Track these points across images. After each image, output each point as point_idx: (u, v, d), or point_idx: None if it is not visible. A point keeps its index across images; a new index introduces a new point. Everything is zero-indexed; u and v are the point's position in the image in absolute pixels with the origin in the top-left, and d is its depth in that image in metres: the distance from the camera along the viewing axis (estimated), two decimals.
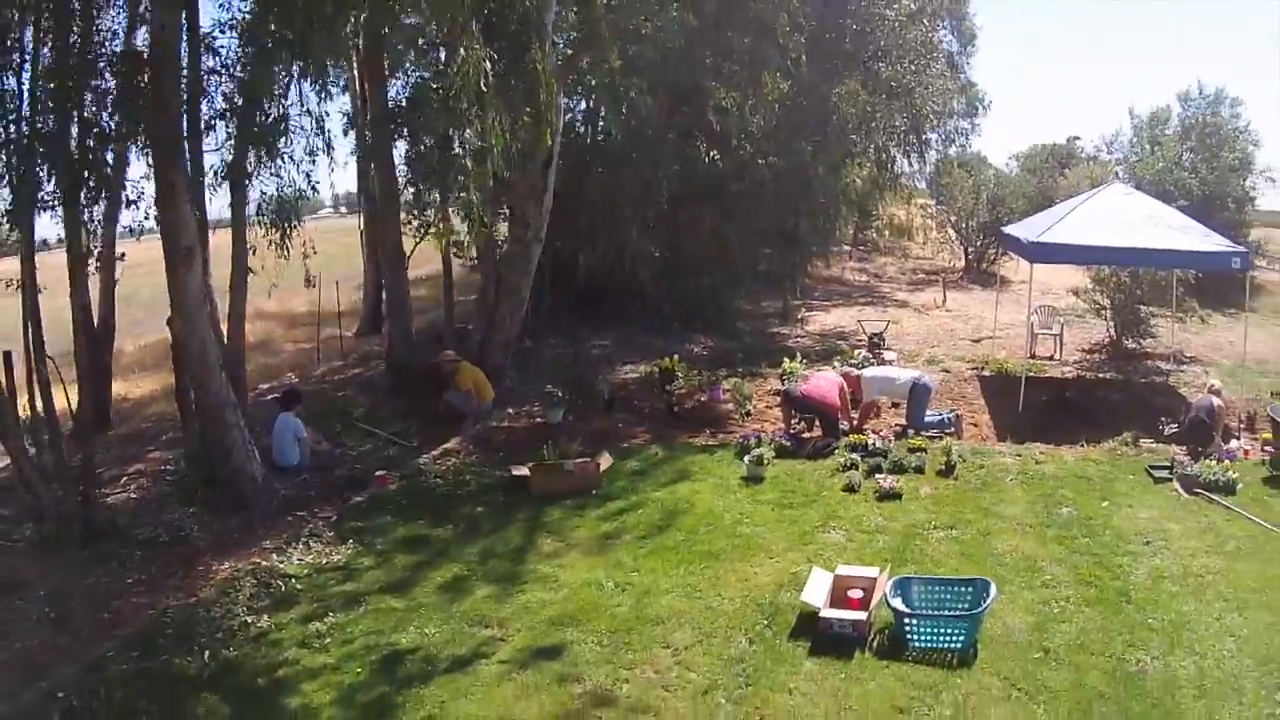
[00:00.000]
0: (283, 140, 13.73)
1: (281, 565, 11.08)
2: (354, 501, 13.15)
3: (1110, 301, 21.83)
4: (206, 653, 9.14)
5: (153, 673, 8.84)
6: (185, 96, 12.93)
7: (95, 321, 16.38)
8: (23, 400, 12.58)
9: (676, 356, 17.74)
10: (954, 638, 8.26)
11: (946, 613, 8.52)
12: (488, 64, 12.05)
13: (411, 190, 18.57)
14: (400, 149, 18.33)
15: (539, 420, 16.37)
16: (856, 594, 8.80)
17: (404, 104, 16.65)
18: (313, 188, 15.18)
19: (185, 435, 14.79)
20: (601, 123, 19.84)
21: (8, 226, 12.75)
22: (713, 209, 22.41)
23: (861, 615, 8.51)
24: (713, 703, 7.74)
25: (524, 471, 13.18)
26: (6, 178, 12.39)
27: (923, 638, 8.32)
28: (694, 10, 17.81)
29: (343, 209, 47.00)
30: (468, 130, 12.74)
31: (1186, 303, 21.87)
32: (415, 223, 19.45)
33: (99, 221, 14.69)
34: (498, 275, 18.26)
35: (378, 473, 13.88)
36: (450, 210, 22.73)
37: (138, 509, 13.09)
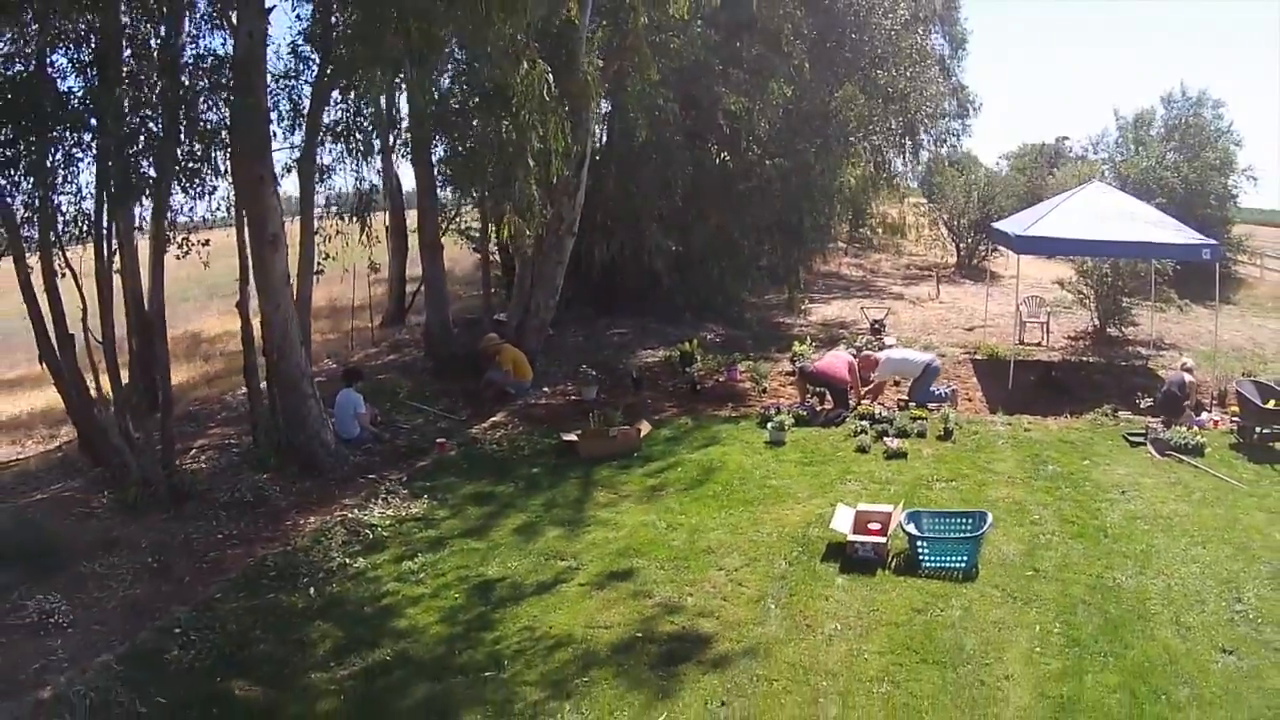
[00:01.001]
0: (358, 138, 15.33)
1: (365, 517, 12.71)
2: (419, 466, 14.83)
3: (1094, 292, 23.60)
4: (312, 589, 10.73)
5: (262, 608, 10.32)
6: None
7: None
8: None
9: (695, 340, 19.53)
10: (958, 558, 10.06)
11: (952, 536, 10.31)
12: (550, 77, 13.81)
13: (450, 189, 20.13)
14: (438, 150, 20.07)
15: (574, 397, 18.14)
16: (875, 526, 10.59)
17: (451, 108, 18.08)
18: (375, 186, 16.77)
19: (252, 410, 16.23)
20: (618, 125, 21.44)
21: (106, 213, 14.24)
22: (721, 206, 24.20)
23: (881, 540, 10.31)
24: (764, 608, 9.52)
25: (573, 437, 15.01)
26: (112, 168, 13.86)
27: (932, 558, 10.12)
28: (711, 25, 19.45)
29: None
30: (531, 134, 14.33)
31: (1165, 293, 23.73)
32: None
33: (179, 212, 16.20)
34: (534, 266, 19.97)
35: (437, 441, 15.61)
36: (471, 207, 24.60)
37: (213, 476, 14.59)
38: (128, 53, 14.60)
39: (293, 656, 9.33)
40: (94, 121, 13.81)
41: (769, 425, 15.22)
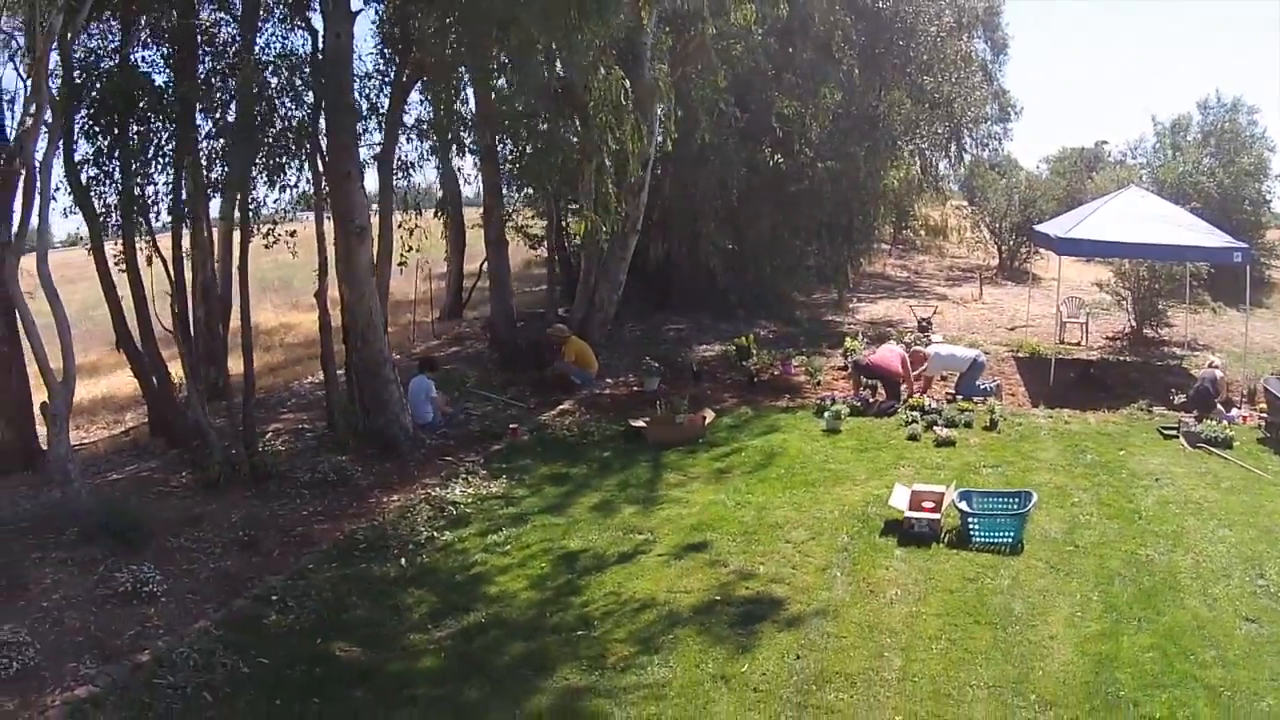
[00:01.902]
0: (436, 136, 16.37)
1: (447, 495, 13.70)
2: (493, 449, 15.85)
3: (1131, 294, 24.41)
4: (402, 560, 11.67)
5: (354, 577, 11.23)
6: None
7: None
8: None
9: (753, 335, 20.55)
10: (1006, 534, 11.01)
11: (1000, 513, 11.27)
12: (627, 83, 14.84)
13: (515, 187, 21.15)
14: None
15: (636, 388, 19.19)
16: (929, 504, 11.55)
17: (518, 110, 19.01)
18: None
19: (327, 396, 17.29)
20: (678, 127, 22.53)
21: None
22: (774, 207, 25.20)
23: (936, 516, 11.28)
24: (830, 576, 10.51)
25: (641, 424, 16.04)
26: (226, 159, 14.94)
27: (982, 533, 11.07)
28: (770, 33, 20.41)
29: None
30: (607, 135, 15.34)
31: (1199, 295, 24.52)
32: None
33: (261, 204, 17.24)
34: (598, 261, 21.01)
35: (510, 426, 16.68)
36: (523, 205, 25.63)
37: (291, 458, 15.53)
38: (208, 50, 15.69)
39: (389, 620, 10.24)
40: (187, 116, 14.94)
41: (825, 414, 16.19)
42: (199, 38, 15.55)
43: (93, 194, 15.53)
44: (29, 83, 13.55)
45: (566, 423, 17.22)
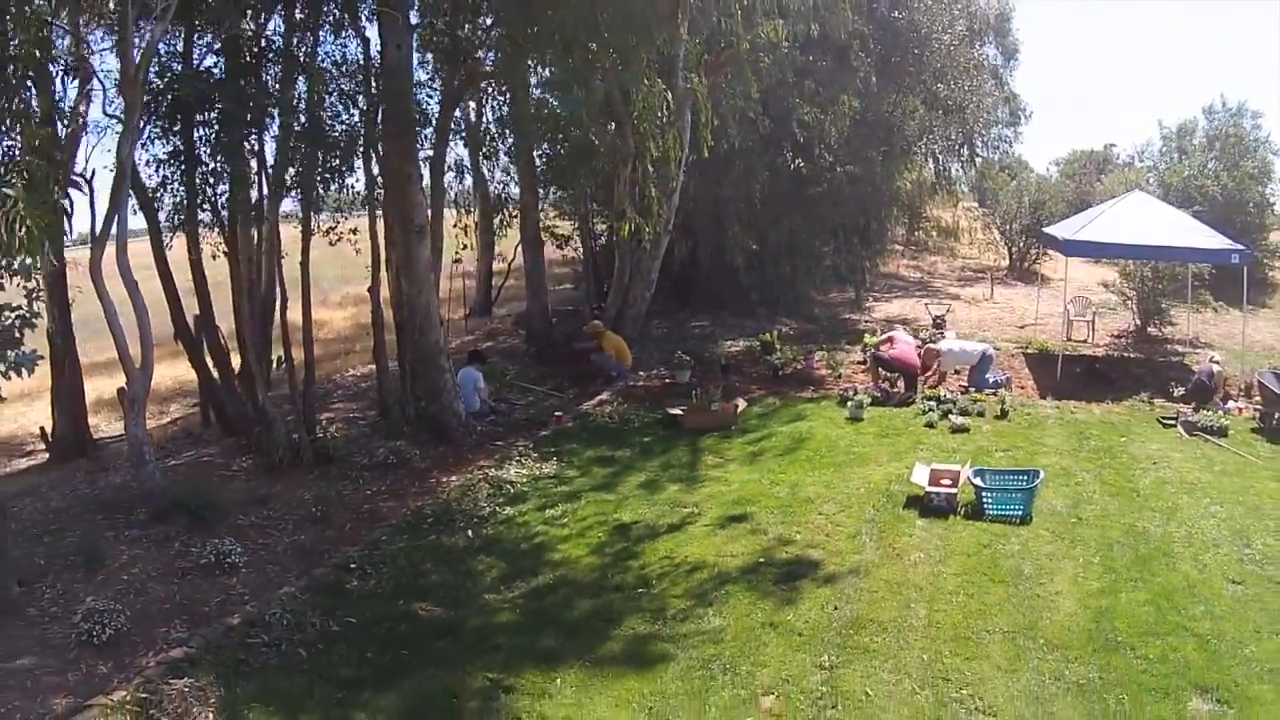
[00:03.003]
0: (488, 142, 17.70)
1: (504, 475, 15.00)
2: (540, 435, 17.13)
3: (1135, 294, 25.72)
4: (469, 531, 12.99)
5: (425, 547, 12.52)
6: None
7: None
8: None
9: (776, 331, 21.88)
10: (1016, 507, 12.31)
11: (1010, 488, 12.59)
12: (669, 95, 16.18)
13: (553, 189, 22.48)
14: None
15: (668, 380, 20.52)
16: (946, 481, 12.86)
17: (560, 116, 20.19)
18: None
19: (379, 386, 18.66)
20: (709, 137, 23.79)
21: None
22: (794, 209, 26.56)
23: (953, 491, 12.60)
24: (860, 541, 11.82)
25: (678, 411, 17.39)
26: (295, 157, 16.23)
27: (995, 507, 12.37)
28: (797, 46, 21.72)
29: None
30: (650, 143, 16.68)
31: (1202, 295, 25.84)
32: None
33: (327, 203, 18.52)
34: (632, 260, 22.36)
35: (554, 414, 18.02)
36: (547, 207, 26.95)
37: (348, 444, 16.77)
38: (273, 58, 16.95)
39: (464, 583, 11.52)
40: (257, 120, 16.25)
41: (848, 404, 17.51)
42: (264, 45, 16.78)
43: (161, 192, 16.72)
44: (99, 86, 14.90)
45: (606, 411, 18.56)
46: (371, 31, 17.07)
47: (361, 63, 17.44)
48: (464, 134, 20.55)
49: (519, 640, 10.00)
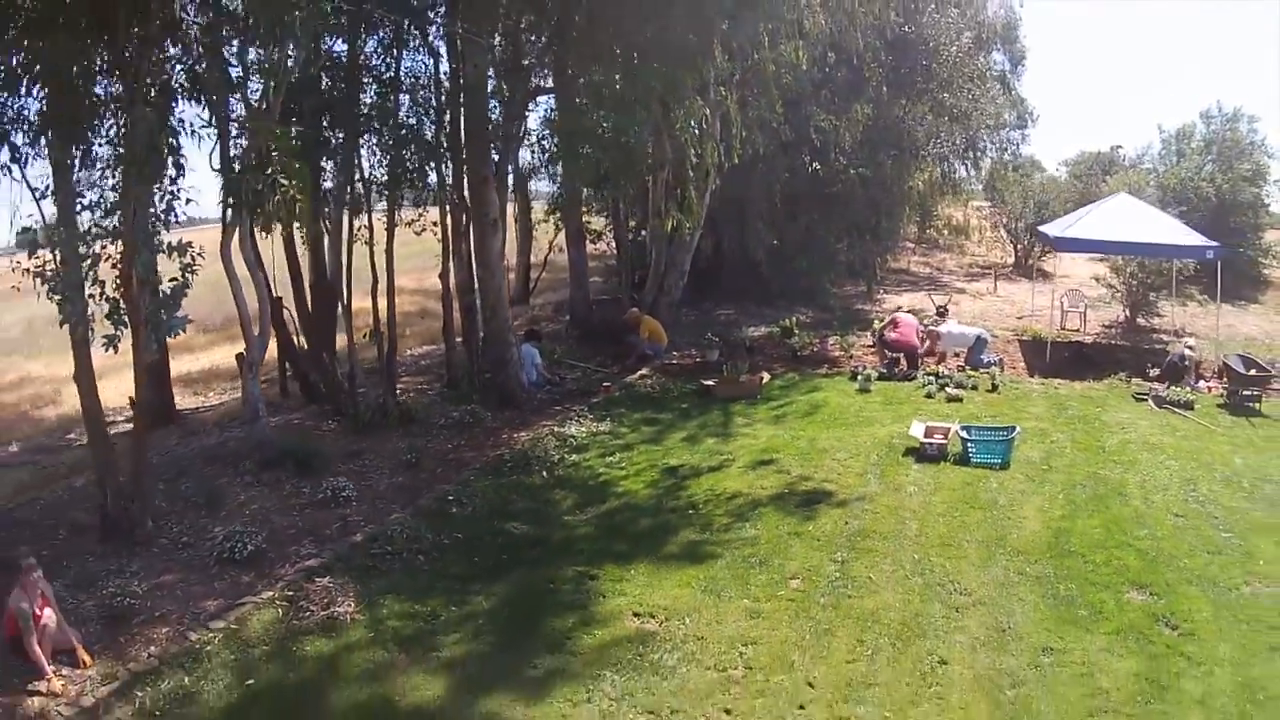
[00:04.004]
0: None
1: (566, 431, 17.87)
2: (592, 401, 20.00)
3: (1125, 287, 28.53)
4: (544, 472, 15.91)
5: (509, 484, 15.41)
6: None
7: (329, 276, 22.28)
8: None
9: (794, 319, 24.77)
10: (996, 455, 15.14)
11: (992, 440, 15.44)
12: (707, 110, 19.08)
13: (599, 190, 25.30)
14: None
15: (699, 359, 23.44)
16: (938, 435, 15.70)
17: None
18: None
19: (448, 360, 21.54)
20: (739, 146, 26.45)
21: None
22: (810, 208, 29.46)
23: (944, 442, 15.45)
24: (866, 478, 14.68)
25: (710, 382, 20.30)
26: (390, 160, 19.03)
27: (978, 455, 15.19)
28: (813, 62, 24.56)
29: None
30: (690, 151, 19.59)
31: (1187, 290, 28.61)
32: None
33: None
34: (667, 253, 25.27)
35: (603, 384, 20.95)
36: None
37: (423, 408, 19.49)
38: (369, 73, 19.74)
39: (545, 509, 14.44)
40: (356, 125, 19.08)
41: (858, 378, 20.43)
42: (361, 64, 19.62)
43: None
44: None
45: (648, 384, 21.52)
46: (442, 48, 19.83)
47: (432, 76, 20.30)
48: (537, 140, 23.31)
49: (596, 546, 12.89)
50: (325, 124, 18.71)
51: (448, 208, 20.38)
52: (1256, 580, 11.33)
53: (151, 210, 13.65)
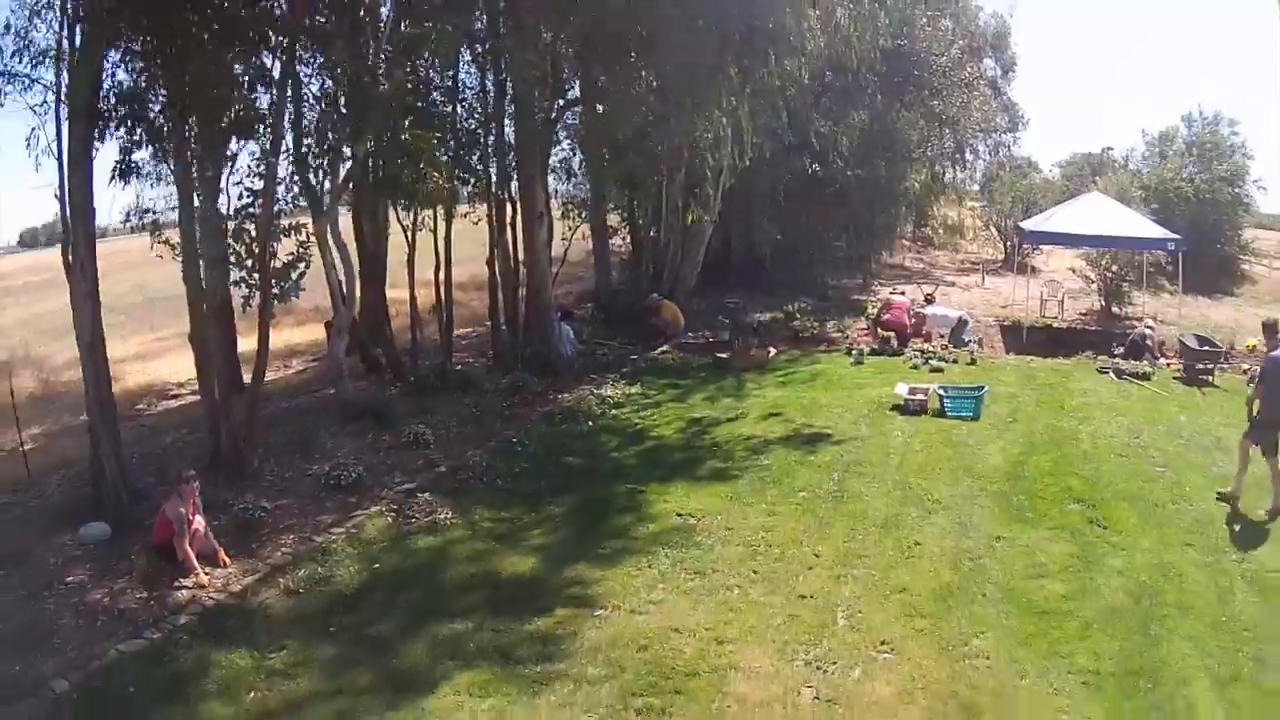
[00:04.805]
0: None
1: (604, 393, 21.22)
2: (622, 371, 23.39)
3: (1100, 278, 32.05)
4: (590, 422, 19.34)
5: (560, 431, 18.84)
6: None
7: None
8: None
9: (796, 305, 28.32)
10: (968, 409, 18.54)
11: (965, 396, 18.88)
12: (724, 120, 22.64)
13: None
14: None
15: (713, 339, 26.92)
16: (920, 393, 19.14)
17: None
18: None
19: (493, 335, 24.81)
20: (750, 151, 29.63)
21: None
22: (811, 206, 33.02)
23: (924, 398, 18.88)
24: (858, 426, 18.09)
25: (724, 355, 23.78)
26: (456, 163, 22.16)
27: (953, 409, 18.59)
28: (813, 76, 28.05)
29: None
30: (708, 155, 23.16)
31: (1158, 281, 32.09)
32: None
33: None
34: (683, 246, 28.84)
35: (630, 357, 24.40)
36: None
37: (476, 375, 22.61)
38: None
39: (595, 448, 17.90)
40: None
41: (853, 353, 23.96)
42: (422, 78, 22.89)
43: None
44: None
45: (668, 358, 25.03)
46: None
47: (481, 88, 23.72)
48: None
49: (640, 472, 16.30)
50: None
51: (492, 202, 23.65)
52: (1181, 501, 14.49)
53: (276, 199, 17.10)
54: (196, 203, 16.33)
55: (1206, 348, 23.03)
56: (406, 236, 22.43)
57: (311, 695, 10.08)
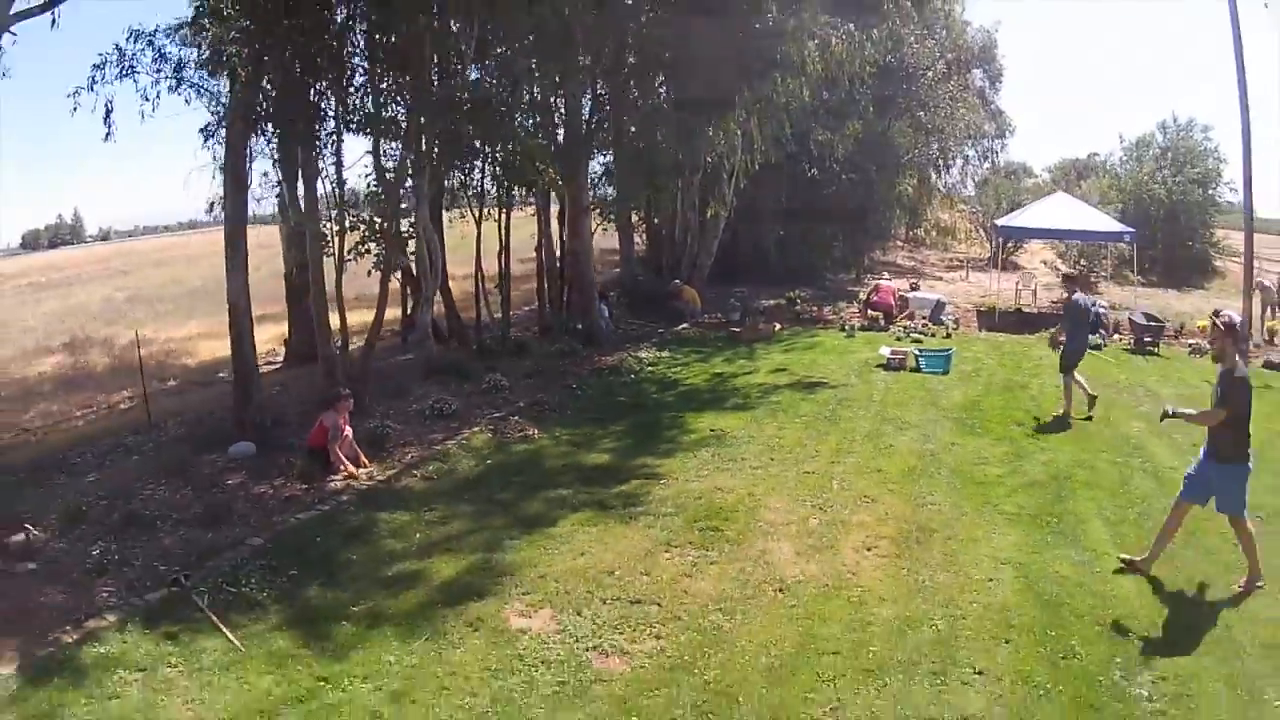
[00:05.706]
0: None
1: (640, 356, 26.34)
2: (650, 341, 28.58)
3: (1072, 268, 37.08)
4: (632, 375, 24.43)
5: (608, 382, 23.80)
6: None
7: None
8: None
9: (798, 293, 33.76)
10: (939, 366, 23.72)
11: (937, 356, 24.17)
12: (739, 130, 28.05)
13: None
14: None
15: (724, 320, 32.22)
16: (899, 355, 24.42)
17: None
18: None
19: (540, 311, 30.14)
20: (759, 156, 34.55)
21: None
22: (810, 207, 38.21)
23: (903, 358, 24.07)
24: (847, 377, 23.21)
25: (737, 329, 29.14)
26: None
27: (926, 366, 23.73)
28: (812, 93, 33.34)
29: None
30: (724, 161, 28.64)
31: (1123, 272, 37.30)
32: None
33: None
34: (699, 238, 34.29)
35: (657, 331, 29.63)
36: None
37: (530, 343, 27.91)
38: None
39: (639, 392, 22.85)
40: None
41: (846, 329, 29.26)
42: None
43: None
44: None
45: (690, 333, 30.35)
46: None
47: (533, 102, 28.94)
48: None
49: (678, 405, 21.32)
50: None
51: (540, 199, 28.91)
52: (1106, 426, 19.26)
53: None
54: (321, 190, 21.95)
55: (1152, 323, 27.96)
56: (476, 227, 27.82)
57: (464, 533, 14.55)
